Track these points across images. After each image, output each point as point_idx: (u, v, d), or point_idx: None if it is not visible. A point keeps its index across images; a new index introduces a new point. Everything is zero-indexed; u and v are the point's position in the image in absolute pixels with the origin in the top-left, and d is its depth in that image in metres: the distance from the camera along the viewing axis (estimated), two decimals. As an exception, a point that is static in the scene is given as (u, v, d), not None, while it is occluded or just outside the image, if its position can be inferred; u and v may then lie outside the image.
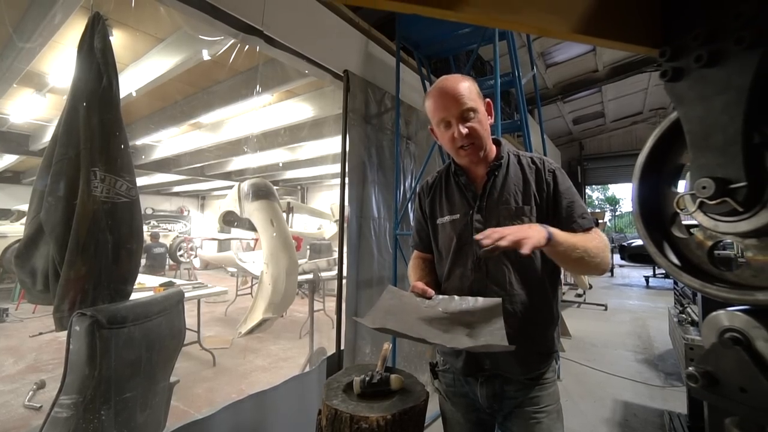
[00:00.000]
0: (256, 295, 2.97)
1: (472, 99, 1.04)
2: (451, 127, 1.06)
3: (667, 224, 0.52)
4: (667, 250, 0.50)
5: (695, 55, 0.42)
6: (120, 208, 1.41)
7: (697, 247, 0.48)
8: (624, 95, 10.01)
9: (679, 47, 0.44)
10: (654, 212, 0.53)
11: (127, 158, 1.48)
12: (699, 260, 0.48)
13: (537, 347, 1.07)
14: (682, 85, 0.44)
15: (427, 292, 1.06)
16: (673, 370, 3.67)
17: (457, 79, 1.07)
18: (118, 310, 1.33)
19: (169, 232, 9.81)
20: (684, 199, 0.46)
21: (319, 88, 3.54)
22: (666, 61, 0.46)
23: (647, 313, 6.15)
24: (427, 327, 0.95)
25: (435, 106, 1.07)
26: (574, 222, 1.06)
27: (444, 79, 1.09)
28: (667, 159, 0.52)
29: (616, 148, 13.07)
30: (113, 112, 1.45)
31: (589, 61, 7.46)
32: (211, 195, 12.96)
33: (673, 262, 0.49)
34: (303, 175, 8.94)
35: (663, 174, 0.53)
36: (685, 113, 0.45)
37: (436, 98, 1.07)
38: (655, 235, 0.52)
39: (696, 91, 0.43)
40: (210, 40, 1.78)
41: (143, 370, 1.41)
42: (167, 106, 3.81)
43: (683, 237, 0.50)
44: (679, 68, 0.44)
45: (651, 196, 0.53)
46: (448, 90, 1.05)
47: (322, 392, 1.23)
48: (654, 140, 0.52)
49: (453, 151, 1.11)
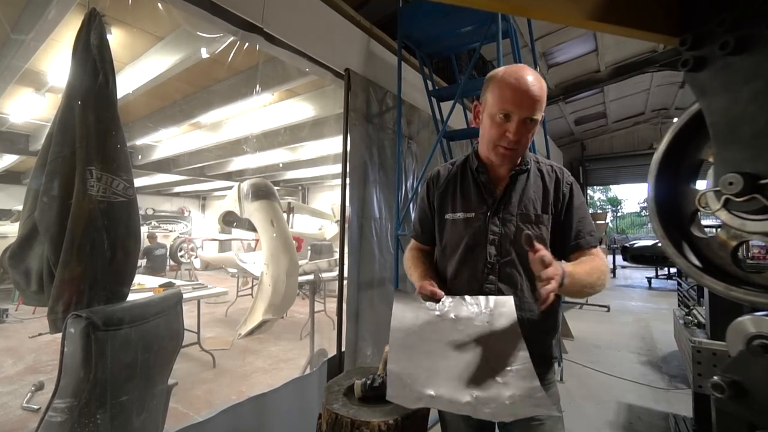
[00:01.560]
0: (255, 296, 2.95)
1: (542, 109, 0.99)
2: (510, 122, 0.98)
3: (686, 223, 0.49)
4: (686, 251, 0.48)
5: (720, 42, 0.39)
6: (117, 208, 1.38)
7: (720, 248, 0.45)
8: (626, 96, 9.97)
9: (702, 34, 0.41)
10: (672, 211, 0.50)
11: (124, 157, 1.46)
12: (722, 261, 0.45)
13: (539, 351, 1.04)
14: (705, 74, 0.42)
15: (436, 295, 1.03)
16: (677, 373, 3.63)
17: (539, 79, 0.98)
18: (114, 312, 1.30)
19: (169, 233, 9.79)
20: (706, 197, 0.43)
21: (320, 87, 3.52)
22: (687, 50, 0.43)
23: (650, 314, 6.10)
24: (459, 379, 0.88)
25: (506, 96, 0.97)
26: (581, 238, 1.06)
27: (525, 70, 0.98)
28: (686, 155, 0.50)
29: (618, 149, 13.03)
30: (110, 110, 1.43)
31: (591, 62, 7.42)
32: (212, 195, 12.94)
33: (693, 263, 0.46)
34: (303, 176, 8.92)
35: (681, 170, 0.50)
36: (707, 105, 0.42)
37: (513, 88, 0.96)
38: (674, 235, 0.49)
39: (720, 81, 0.40)
40: (209, 37, 1.76)
41: (140, 373, 1.38)
42: (166, 106, 3.79)
43: (704, 237, 0.47)
44: (702, 57, 0.42)
45: (668, 193, 0.50)
46: (530, 87, 0.96)
47: (323, 396, 1.21)
48: (672, 135, 0.49)
49: (491, 145, 1.04)
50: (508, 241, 1.05)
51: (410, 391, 0.86)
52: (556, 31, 5.84)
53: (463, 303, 1.03)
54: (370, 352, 2.55)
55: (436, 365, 0.91)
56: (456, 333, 0.98)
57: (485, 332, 0.96)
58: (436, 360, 0.93)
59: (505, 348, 0.93)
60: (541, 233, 1.05)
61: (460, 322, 1.00)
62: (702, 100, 0.42)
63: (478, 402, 0.82)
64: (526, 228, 1.05)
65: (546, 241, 1.05)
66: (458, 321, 1.00)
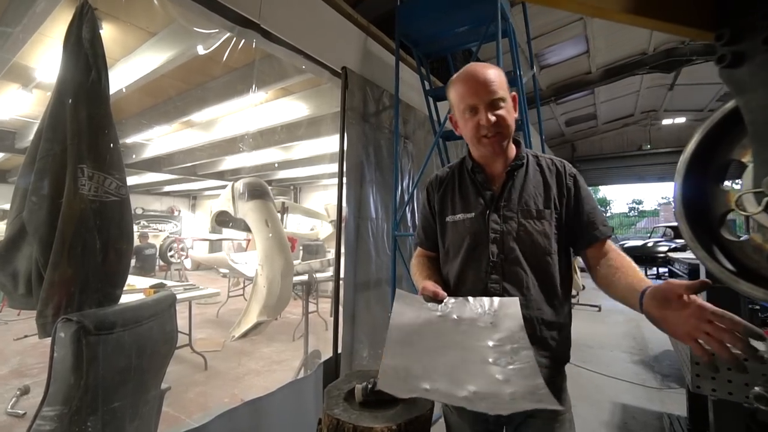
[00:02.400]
0: (250, 297, 2.90)
1: (502, 88, 1.00)
2: (478, 113, 1.00)
3: (715, 225, 0.48)
4: (718, 255, 0.46)
5: (763, 36, 0.37)
6: (109, 207, 1.34)
7: (755, 251, 0.43)
8: (616, 97, 10.11)
9: (742, 28, 0.40)
10: (700, 213, 0.49)
11: (117, 155, 1.41)
12: (758, 265, 0.43)
13: (555, 352, 1.02)
14: (744, 70, 0.40)
15: (438, 295, 1.00)
16: (669, 372, 3.68)
17: (487, 66, 1.02)
18: (106, 315, 1.26)
19: (159, 233, 9.63)
20: (743, 199, 0.42)
21: (316, 86, 3.48)
22: (723, 45, 0.41)
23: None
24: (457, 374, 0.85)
25: (463, 92, 1.02)
26: (596, 230, 1.03)
27: (473, 65, 1.04)
28: (716, 155, 0.48)
29: (607, 150, 13.22)
30: (102, 106, 1.38)
31: (582, 63, 7.50)
32: (203, 195, 12.78)
33: (727, 267, 0.44)
34: (296, 175, 8.85)
35: (710, 171, 0.49)
36: (746, 102, 0.40)
37: (464, 83, 1.02)
38: (703, 238, 0.48)
39: (762, 77, 0.39)
40: (205, 33, 1.72)
41: (133, 378, 1.33)
42: (159, 104, 3.71)
43: (736, 240, 0.46)
44: (741, 52, 0.40)
45: (696, 195, 0.49)
46: (478, 75, 1.00)
47: (323, 400, 1.18)
48: (702, 134, 0.48)
49: (475, 140, 1.05)
50: (510, 238, 1.03)
51: (404, 382, 0.83)
52: (548, 32, 5.88)
53: (466, 304, 1.01)
54: (366, 354, 2.52)
55: (435, 362, 0.88)
56: (458, 333, 0.95)
57: (489, 333, 0.93)
58: (435, 357, 0.90)
59: (509, 347, 0.90)
60: (544, 228, 1.03)
61: (462, 322, 0.97)
62: (740, 98, 0.41)
63: (475, 396, 0.79)
64: (528, 224, 1.02)
65: (550, 236, 1.03)
66: (461, 322, 0.97)
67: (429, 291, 1.01)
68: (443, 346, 0.92)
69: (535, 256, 1.02)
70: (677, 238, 10.19)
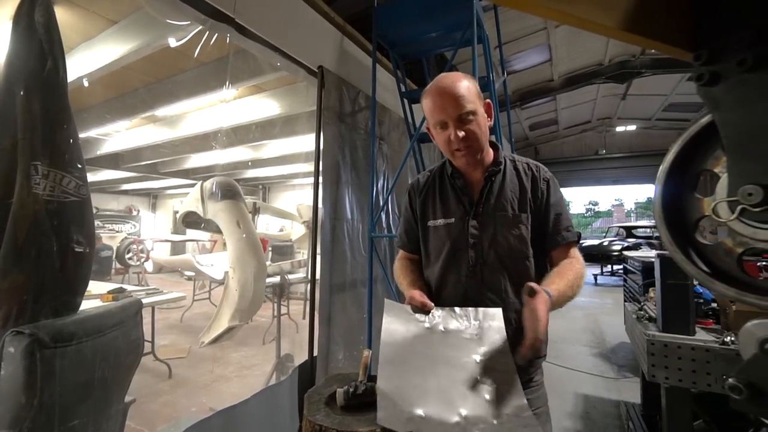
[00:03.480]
0: (221, 301, 2.79)
1: (471, 101, 1.00)
2: (448, 128, 1.02)
3: (690, 230, 0.52)
4: (694, 257, 0.50)
5: (738, 59, 0.41)
6: (68, 208, 1.24)
7: (726, 254, 0.47)
8: (575, 104, 10.67)
9: (718, 50, 0.43)
10: (677, 219, 0.52)
11: (77, 152, 1.31)
12: (728, 267, 0.47)
13: None
14: (719, 89, 0.43)
15: (426, 306, 1.01)
16: (625, 363, 3.93)
17: (457, 78, 1.02)
18: (64, 326, 1.16)
19: (116, 234, 9.05)
20: (718, 207, 0.45)
21: (290, 84, 3.40)
22: (701, 65, 0.45)
23: (598, 309, 6.56)
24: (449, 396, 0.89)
25: (432, 107, 1.03)
26: (559, 234, 1.08)
27: (443, 77, 1.04)
28: (691, 165, 0.52)
29: (567, 154, 13.92)
30: (59, 98, 1.28)
31: (545, 71, 7.84)
32: (165, 194, 12.14)
33: (703, 269, 0.48)
34: (265, 174, 8.61)
35: (685, 179, 0.52)
36: (722, 118, 0.44)
37: (434, 98, 1.03)
38: (679, 241, 0.51)
39: (736, 96, 0.42)
40: (175, 24, 1.62)
41: (95, 393, 1.24)
42: (119, 96, 3.47)
43: (709, 243, 0.50)
44: (717, 72, 0.43)
45: (674, 202, 0.53)
46: (446, 90, 1.00)
47: (303, 406, 1.15)
48: (680, 145, 0.51)
49: (449, 153, 1.07)
50: (488, 243, 1.06)
51: (400, 411, 0.86)
52: (514, 40, 6.10)
53: (452, 315, 1.03)
54: (342, 356, 2.50)
55: (426, 383, 0.92)
56: (446, 347, 0.98)
57: (474, 346, 0.97)
58: (426, 376, 0.93)
59: (494, 363, 0.94)
60: (521, 233, 1.06)
61: (449, 335, 1.00)
62: (716, 113, 0.44)
63: (467, 423, 0.83)
64: (505, 229, 1.06)
65: (526, 240, 1.06)
66: (448, 334, 1.00)
67: (417, 302, 1.02)
68: (433, 364, 0.95)
69: (513, 260, 1.06)
70: (629, 238, 10.92)
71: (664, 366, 1.79)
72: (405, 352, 0.98)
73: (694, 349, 1.70)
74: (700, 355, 1.69)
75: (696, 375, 1.70)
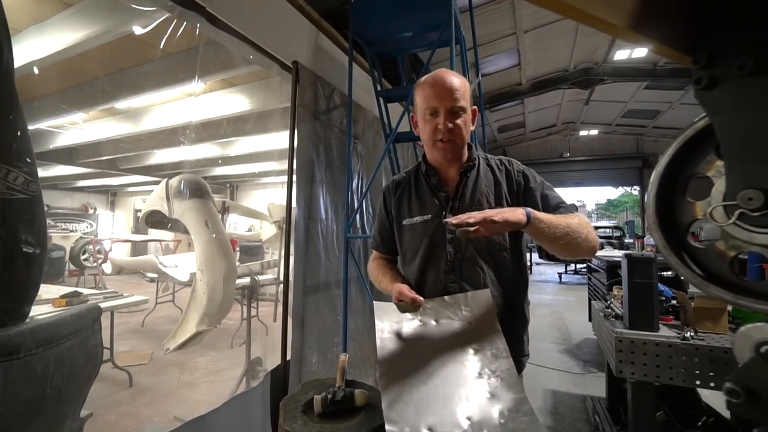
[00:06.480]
0: (188, 305, 2.64)
1: (465, 98, 1.05)
2: (438, 117, 1.04)
3: (682, 234, 0.52)
4: (687, 261, 0.50)
5: (738, 63, 0.41)
6: (15, 206, 1.12)
7: (719, 258, 0.48)
8: (542, 108, 11.10)
9: (717, 55, 0.43)
10: (670, 223, 0.53)
11: (25, 145, 1.18)
12: (720, 270, 0.48)
13: (512, 351, 1.07)
14: (718, 93, 0.44)
15: (417, 301, 1.01)
16: (589, 358, 4.10)
17: (456, 74, 1.06)
18: (10, 337, 1.05)
19: (69, 233, 8.42)
20: (714, 211, 0.46)
21: (262, 79, 3.28)
22: (700, 69, 0.45)
23: (562, 306, 6.83)
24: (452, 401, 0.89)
25: (428, 94, 1.05)
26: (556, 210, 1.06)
27: (442, 71, 1.08)
28: (684, 168, 0.52)
29: (534, 156, 14.43)
30: (4, 85, 1.15)
31: (514, 75, 8.09)
32: (124, 191, 11.45)
33: (697, 272, 0.48)
34: (234, 172, 8.32)
35: (678, 184, 0.53)
36: (720, 122, 0.44)
37: (431, 86, 1.05)
38: (672, 245, 0.52)
39: (734, 100, 0.42)
40: (139, 10, 1.51)
41: (47, 409, 1.13)
42: (72, 87, 3.20)
43: (701, 247, 0.50)
44: (715, 76, 0.43)
45: (667, 206, 0.53)
46: (445, 81, 1.04)
47: (277, 414, 1.10)
48: (675, 149, 0.52)
49: (431, 143, 1.09)
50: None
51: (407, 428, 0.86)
52: (486, 43, 6.23)
53: (442, 305, 1.04)
54: (315, 359, 2.44)
55: (427, 389, 0.91)
56: (441, 342, 0.98)
57: (468, 335, 0.98)
58: (426, 380, 0.92)
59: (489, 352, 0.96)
60: None
61: (442, 326, 1.01)
62: (714, 118, 0.45)
63: (473, 429, 0.83)
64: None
65: (504, 233, 1.07)
66: (440, 326, 1.01)
67: (406, 297, 1.01)
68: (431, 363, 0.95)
69: (491, 253, 1.07)
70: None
71: (631, 362, 1.88)
72: (402, 356, 0.97)
73: (658, 345, 1.79)
74: (664, 350, 1.78)
75: (659, 369, 1.79)
